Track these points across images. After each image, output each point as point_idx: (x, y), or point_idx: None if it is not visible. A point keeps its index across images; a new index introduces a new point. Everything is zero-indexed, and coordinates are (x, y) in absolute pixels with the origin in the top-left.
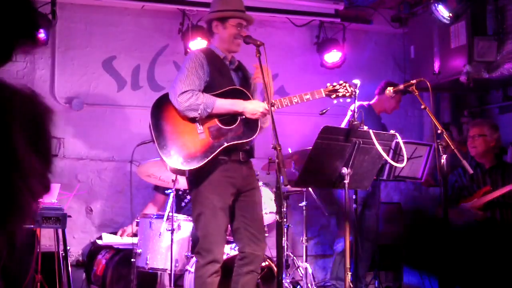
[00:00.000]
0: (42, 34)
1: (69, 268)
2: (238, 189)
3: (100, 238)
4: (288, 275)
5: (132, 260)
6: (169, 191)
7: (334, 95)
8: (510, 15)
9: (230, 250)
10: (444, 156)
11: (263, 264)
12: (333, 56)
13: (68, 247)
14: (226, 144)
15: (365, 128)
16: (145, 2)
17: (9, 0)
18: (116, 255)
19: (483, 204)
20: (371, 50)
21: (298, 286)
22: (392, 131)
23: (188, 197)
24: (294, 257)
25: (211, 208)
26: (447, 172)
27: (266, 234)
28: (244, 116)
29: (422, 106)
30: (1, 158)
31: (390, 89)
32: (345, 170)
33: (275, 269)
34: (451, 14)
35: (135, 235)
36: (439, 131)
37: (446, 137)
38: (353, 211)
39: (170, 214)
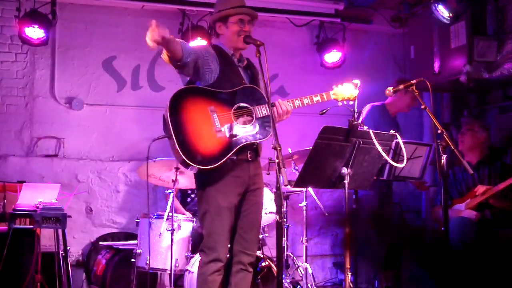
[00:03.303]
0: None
1: (69, 268)
2: (245, 189)
3: (101, 238)
4: (288, 275)
5: (132, 260)
6: (169, 191)
7: (340, 98)
8: (510, 15)
9: None
10: (444, 156)
11: (263, 264)
12: (333, 56)
13: (68, 247)
14: (242, 143)
15: (365, 128)
16: (145, 2)
17: None
18: (116, 255)
19: (477, 204)
20: (371, 50)
21: (298, 286)
22: (392, 131)
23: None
24: (294, 257)
25: (216, 207)
26: (447, 172)
27: (266, 235)
28: (259, 116)
29: (422, 106)
30: None
31: (390, 89)
32: (345, 170)
33: (275, 269)
34: (451, 14)
35: None
36: (439, 131)
37: (446, 137)
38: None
39: (170, 214)
